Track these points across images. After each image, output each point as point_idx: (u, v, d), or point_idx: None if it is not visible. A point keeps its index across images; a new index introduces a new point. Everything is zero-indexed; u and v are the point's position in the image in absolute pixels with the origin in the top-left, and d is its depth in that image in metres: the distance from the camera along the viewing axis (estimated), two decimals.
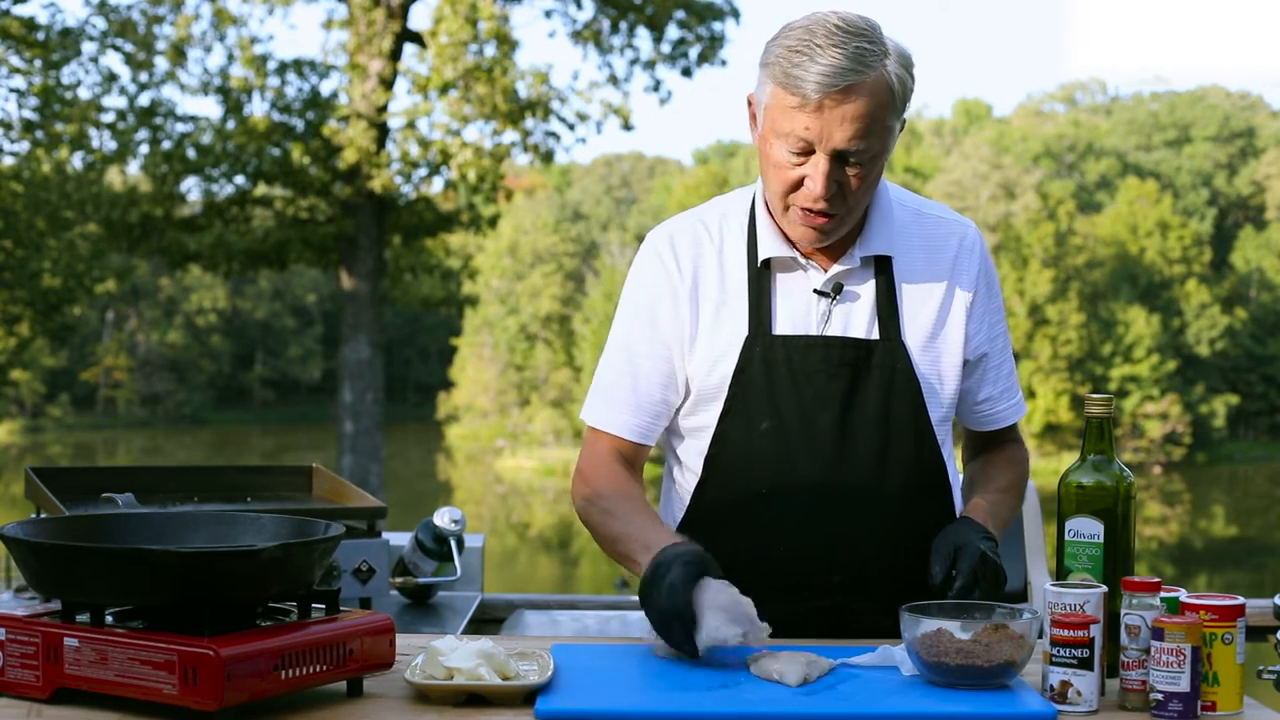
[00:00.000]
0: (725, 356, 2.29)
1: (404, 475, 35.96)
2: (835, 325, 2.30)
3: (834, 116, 2.13)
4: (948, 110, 68.45)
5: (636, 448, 2.36)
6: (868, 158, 2.18)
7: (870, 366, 2.28)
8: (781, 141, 2.18)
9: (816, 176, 2.17)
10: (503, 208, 19.17)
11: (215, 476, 3.35)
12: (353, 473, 16.80)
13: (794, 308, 2.30)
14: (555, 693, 1.84)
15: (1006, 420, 2.45)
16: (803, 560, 2.26)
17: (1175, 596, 1.88)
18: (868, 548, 2.28)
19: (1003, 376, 2.42)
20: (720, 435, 2.31)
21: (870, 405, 2.28)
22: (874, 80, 2.14)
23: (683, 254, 2.34)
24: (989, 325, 2.38)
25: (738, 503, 2.29)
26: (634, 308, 2.37)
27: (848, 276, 2.31)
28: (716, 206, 2.40)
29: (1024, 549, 3.76)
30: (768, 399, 2.27)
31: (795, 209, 2.23)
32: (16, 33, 15.38)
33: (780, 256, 2.30)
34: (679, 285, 2.32)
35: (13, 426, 45.18)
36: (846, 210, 2.23)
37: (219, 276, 18.67)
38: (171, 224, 17.60)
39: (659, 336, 2.33)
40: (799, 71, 2.13)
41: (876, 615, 2.27)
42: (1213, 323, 45.11)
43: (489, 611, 3.71)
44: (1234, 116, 54.04)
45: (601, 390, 2.37)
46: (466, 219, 18.34)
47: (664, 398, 2.34)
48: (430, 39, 16.45)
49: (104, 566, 1.77)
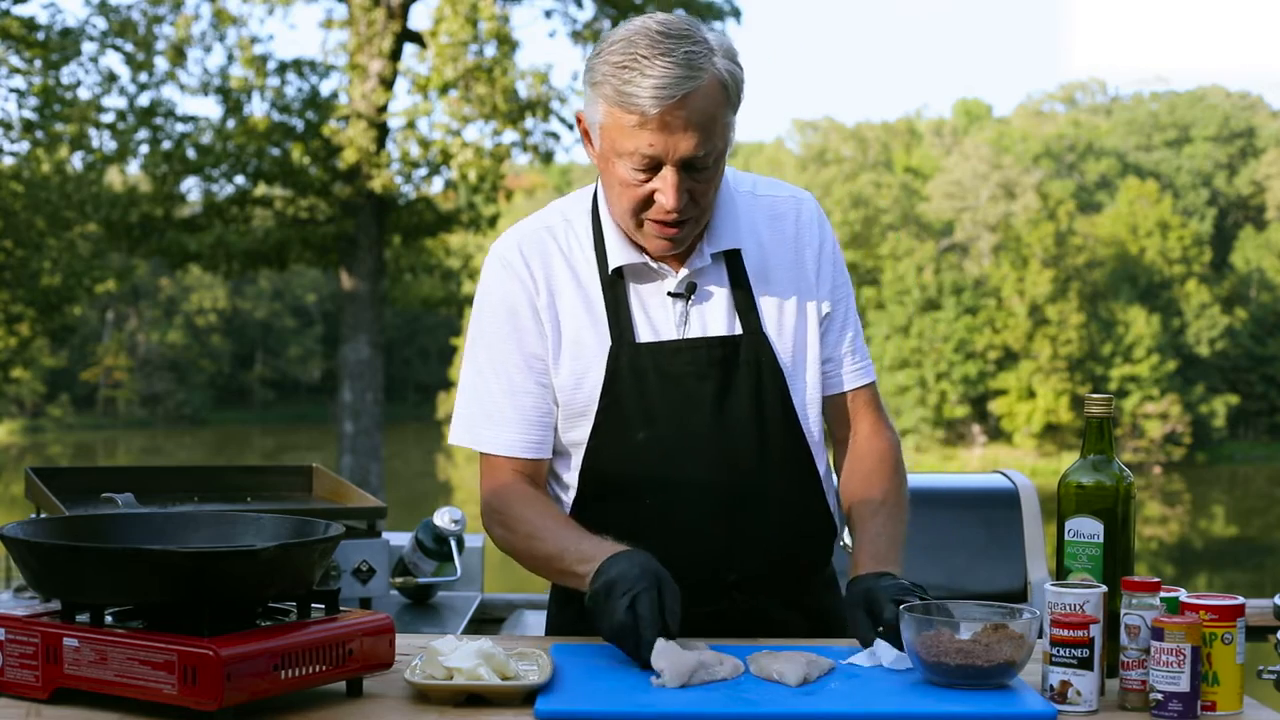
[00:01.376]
0: (590, 370, 2.26)
1: (404, 475, 35.95)
2: (694, 326, 2.28)
3: (675, 127, 2.11)
4: (948, 110, 68.39)
5: (535, 464, 2.30)
6: (712, 160, 2.17)
7: (738, 362, 2.27)
8: (626, 160, 2.15)
9: (667, 190, 2.15)
10: (503, 208, 19.17)
11: (215, 476, 3.36)
12: (353, 473, 16.81)
13: (652, 313, 2.28)
14: (555, 693, 1.84)
15: (846, 383, 2.38)
16: (695, 565, 2.23)
17: (1175, 596, 1.88)
18: (759, 544, 2.27)
19: (845, 341, 2.37)
20: (594, 450, 2.27)
21: (743, 401, 2.27)
22: (707, 82, 2.12)
23: (534, 265, 2.29)
24: (830, 289, 2.36)
25: (621, 514, 2.26)
26: (495, 323, 2.30)
27: (699, 275, 2.30)
28: (557, 213, 2.35)
29: (1024, 549, 3.76)
30: (640, 408, 2.25)
31: (650, 222, 2.20)
32: (16, 33, 15.38)
33: (631, 264, 2.28)
34: (535, 298, 2.28)
35: (13, 426, 45.18)
36: (699, 213, 2.22)
37: (219, 276, 18.69)
38: (171, 224, 17.60)
39: (527, 348, 2.28)
40: (631, 88, 2.10)
41: (781, 610, 2.29)
42: (1213, 323, 45.09)
43: (489, 611, 3.71)
44: (1234, 116, 54.01)
45: (483, 413, 2.30)
46: (466, 219, 18.34)
47: (547, 409, 2.29)
48: (430, 39, 16.46)
49: (104, 566, 1.77)
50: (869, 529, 2.29)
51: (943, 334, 43.07)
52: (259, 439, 48.13)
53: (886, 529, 2.29)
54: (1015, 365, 42.49)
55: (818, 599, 2.38)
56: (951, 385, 43.01)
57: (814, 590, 2.38)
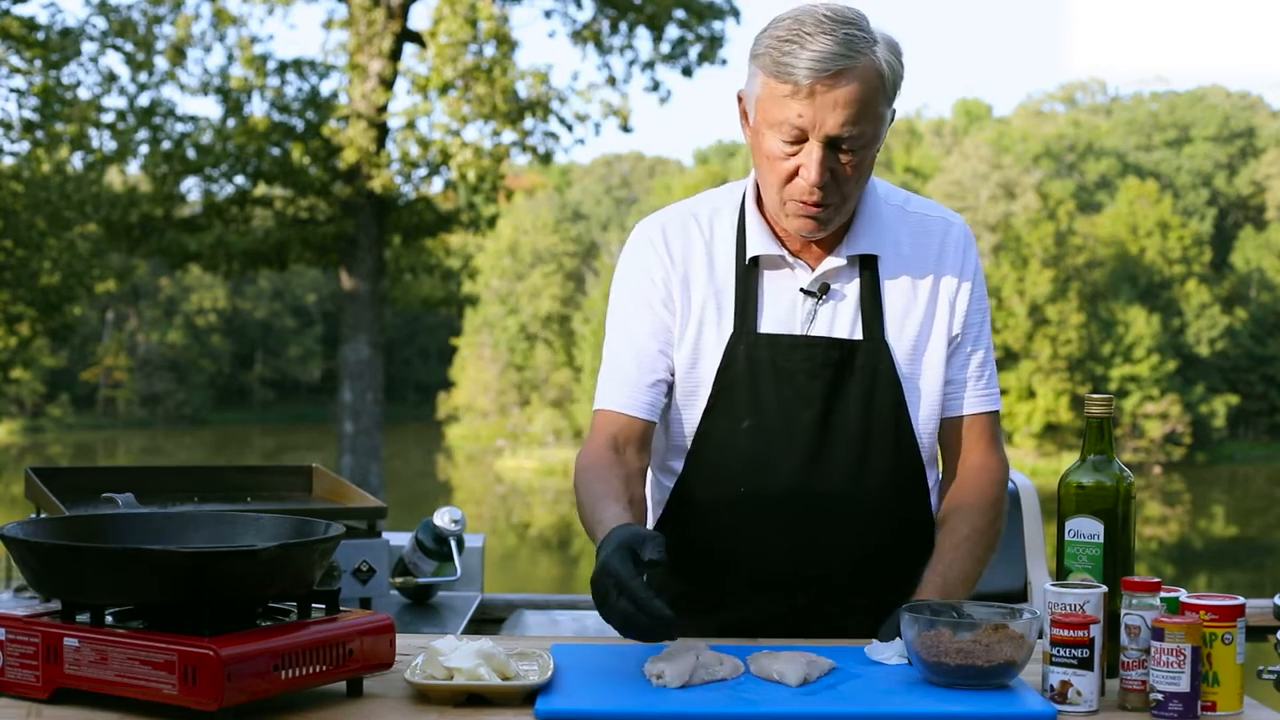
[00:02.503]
0: (709, 353, 2.29)
1: (404, 475, 35.95)
2: (820, 325, 2.29)
3: (826, 102, 2.13)
4: (948, 110, 68.46)
5: (629, 421, 2.29)
6: (860, 144, 2.17)
7: (853, 367, 2.27)
8: (774, 131, 2.17)
9: (811, 164, 2.16)
10: (502, 208, 19.19)
11: (215, 476, 3.35)
12: (353, 473, 16.80)
13: (780, 306, 2.29)
14: (555, 693, 1.84)
15: (966, 407, 2.35)
16: (778, 559, 2.25)
17: (1175, 596, 1.88)
18: (843, 548, 2.27)
19: (971, 364, 2.36)
20: (703, 433, 2.30)
21: (851, 406, 2.27)
22: (864, 65, 2.14)
23: (674, 244, 2.33)
24: (965, 313, 2.35)
25: (716, 500, 2.28)
26: (630, 291, 2.35)
27: (834, 275, 2.30)
28: (707, 200, 2.38)
29: (1024, 549, 3.76)
30: (750, 397, 2.26)
31: (791, 201, 2.21)
32: (16, 33, 15.38)
33: (768, 254, 2.30)
34: (671, 273, 2.31)
35: (13, 426, 45.19)
36: (841, 199, 2.21)
37: (219, 276, 18.68)
38: (171, 224, 17.60)
39: (655, 316, 2.31)
40: (789, 59, 2.12)
41: (853, 616, 2.27)
42: (1213, 323, 45.11)
43: (489, 611, 3.71)
44: (1234, 116, 54.03)
45: (607, 375, 2.34)
46: (466, 219, 18.35)
47: (663, 373, 2.31)
48: (430, 39, 16.45)
49: (104, 566, 1.77)
50: (946, 557, 2.27)
51: None
52: (259, 439, 48.13)
53: (962, 564, 2.27)
54: (1015, 365, 42.50)
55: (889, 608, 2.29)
56: None
57: (890, 599, 2.28)
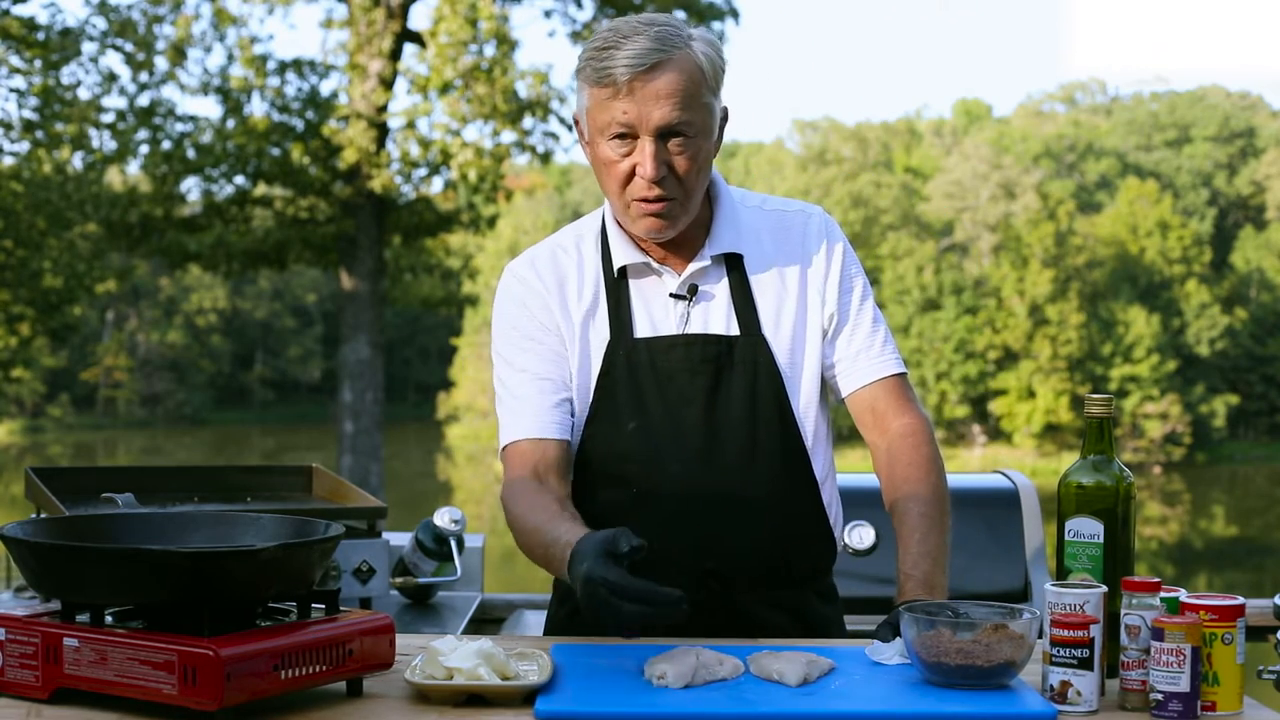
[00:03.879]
0: (590, 364, 2.32)
1: (404, 475, 35.93)
2: (694, 326, 2.31)
3: (647, 95, 2.17)
4: (948, 110, 68.39)
5: (544, 446, 2.29)
6: (690, 133, 2.21)
7: (733, 361, 2.29)
8: (605, 135, 2.22)
9: (645, 159, 2.20)
10: (502, 208, 19.17)
11: (215, 476, 3.35)
12: (353, 473, 16.80)
13: (653, 312, 2.33)
14: (555, 693, 1.84)
15: (869, 375, 2.36)
16: (677, 556, 2.24)
17: (1175, 596, 1.88)
18: (740, 542, 2.28)
19: (858, 337, 2.36)
20: (588, 439, 2.32)
21: (735, 400, 2.29)
22: (680, 57, 2.19)
23: (545, 273, 2.36)
24: (838, 295, 2.36)
25: (610, 503, 2.30)
26: (509, 328, 2.35)
27: (701, 277, 2.33)
28: (570, 230, 2.43)
29: (1024, 549, 3.76)
30: (633, 400, 2.29)
31: (635, 202, 2.24)
32: (16, 33, 15.37)
33: (634, 263, 2.33)
34: (547, 299, 2.34)
35: (13, 426, 45.17)
36: (684, 194, 2.24)
37: (219, 276, 18.68)
38: (171, 224, 17.60)
39: (541, 345, 2.33)
40: (607, 63, 2.18)
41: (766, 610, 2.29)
42: (1213, 323, 45.09)
43: (489, 611, 3.71)
44: (1234, 116, 54.01)
45: (507, 411, 2.33)
46: (466, 219, 18.35)
47: (561, 393, 2.31)
48: (430, 39, 16.45)
49: (104, 566, 1.77)
50: (912, 543, 2.26)
51: (943, 334, 43.08)
52: (259, 439, 48.11)
53: (929, 542, 2.26)
54: (1015, 365, 42.50)
55: (810, 606, 2.37)
56: (951, 385, 43.02)
57: (806, 596, 2.37)
